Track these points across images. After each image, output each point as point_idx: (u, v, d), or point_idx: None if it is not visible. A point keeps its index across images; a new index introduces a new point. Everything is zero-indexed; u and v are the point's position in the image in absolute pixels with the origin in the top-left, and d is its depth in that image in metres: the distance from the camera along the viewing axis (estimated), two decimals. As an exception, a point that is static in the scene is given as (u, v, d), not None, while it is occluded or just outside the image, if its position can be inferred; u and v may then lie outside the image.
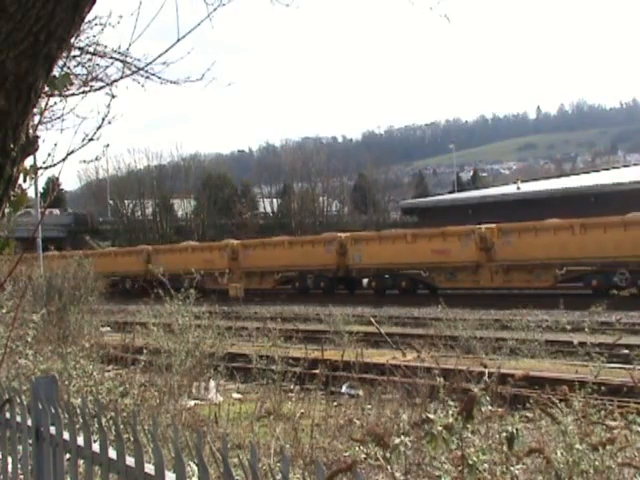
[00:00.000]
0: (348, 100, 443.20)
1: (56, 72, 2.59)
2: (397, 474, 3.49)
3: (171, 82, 5.23)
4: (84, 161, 4.49)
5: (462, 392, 5.86)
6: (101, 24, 4.93)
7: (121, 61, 4.97)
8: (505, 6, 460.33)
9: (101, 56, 5.08)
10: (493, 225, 30.36)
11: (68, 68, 4.24)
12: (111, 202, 71.52)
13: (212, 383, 10.56)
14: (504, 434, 3.36)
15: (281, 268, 36.32)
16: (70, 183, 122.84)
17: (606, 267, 27.12)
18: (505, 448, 3.34)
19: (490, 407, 3.64)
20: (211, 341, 10.65)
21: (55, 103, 4.36)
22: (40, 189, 34.97)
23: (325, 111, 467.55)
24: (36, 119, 2.86)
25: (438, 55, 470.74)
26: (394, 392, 8.76)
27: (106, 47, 5.08)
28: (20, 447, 3.56)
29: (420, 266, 31.06)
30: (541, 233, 28.62)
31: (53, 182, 19.52)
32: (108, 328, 17.39)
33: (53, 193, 23.30)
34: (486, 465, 3.23)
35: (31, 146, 2.12)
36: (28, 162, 2.42)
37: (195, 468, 2.73)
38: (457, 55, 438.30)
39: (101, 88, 4.73)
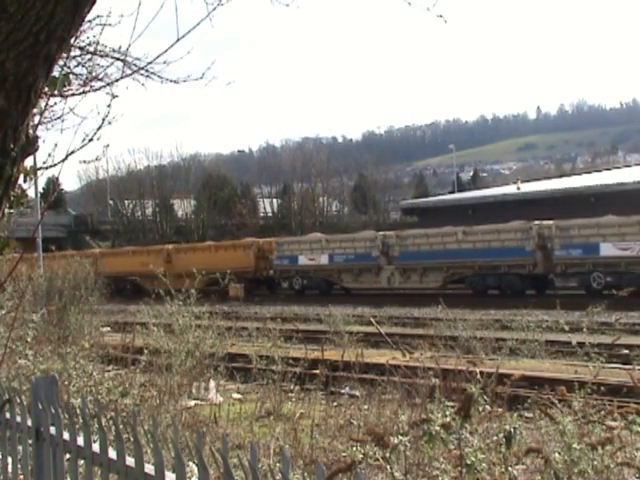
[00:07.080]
0: (348, 100, 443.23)
1: (56, 72, 2.60)
2: (397, 474, 3.49)
3: (171, 81, 5.23)
4: (84, 161, 4.50)
5: (461, 392, 5.86)
6: (101, 24, 4.92)
7: (121, 60, 4.96)
8: (505, 6, 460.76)
9: (101, 56, 5.09)
10: (172, 245, 45.86)
11: (68, 68, 4.24)
12: (111, 202, 71.42)
13: (212, 383, 10.55)
14: (502, 434, 3.36)
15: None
16: (70, 183, 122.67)
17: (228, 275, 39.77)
18: (503, 448, 3.33)
19: (488, 407, 3.63)
20: (211, 341, 10.64)
21: (55, 103, 4.37)
22: (40, 189, 34.98)
23: (325, 111, 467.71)
24: (36, 119, 2.86)
25: (438, 55, 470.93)
26: (394, 392, 8.75)
27: (106, 47, 5.08)
28: (20, 447, 3.55)
29: (135, 274, 42.92)
30: (197, 252, 42.04)
31: (53, 182, 19.51)
32: (108, 328, 17.39)
33: (53, 193, 23.29)
34: (484, 465, 3.23)
35: (31, 146, 2.12)
36: (28, 162, 2.42)
37: (195, 468, 2.73)
38: (457, 55, 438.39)
39: (101, 88, 4.73)
